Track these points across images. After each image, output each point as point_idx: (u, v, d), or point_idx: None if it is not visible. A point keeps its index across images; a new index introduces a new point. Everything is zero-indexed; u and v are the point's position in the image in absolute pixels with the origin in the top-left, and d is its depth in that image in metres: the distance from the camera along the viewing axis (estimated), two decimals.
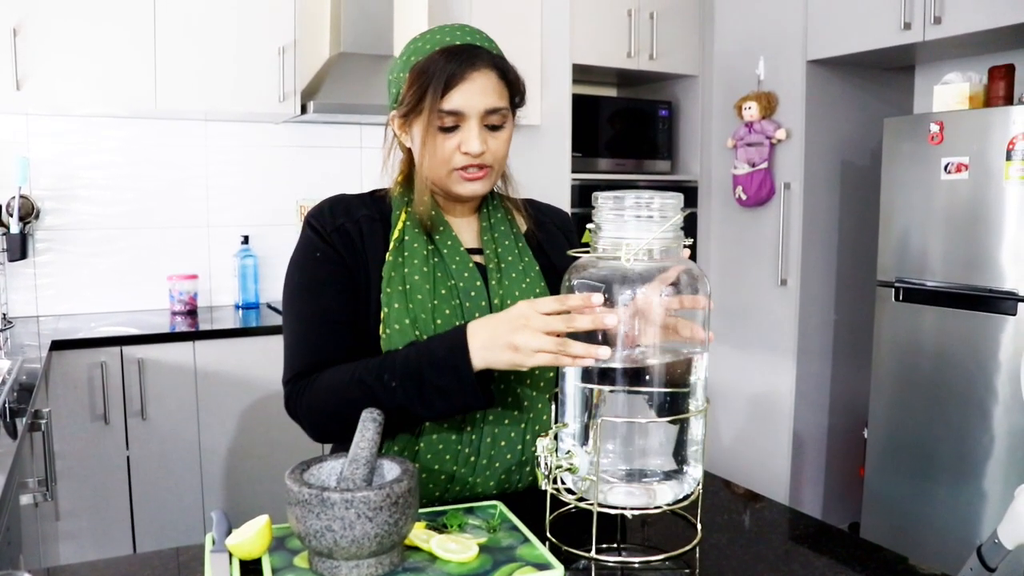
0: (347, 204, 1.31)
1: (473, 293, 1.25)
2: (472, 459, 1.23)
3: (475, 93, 1.20)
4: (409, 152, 1.32)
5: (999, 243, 2.53)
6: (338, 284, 1.25)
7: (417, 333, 1.21)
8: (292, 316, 1.27)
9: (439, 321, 1.22)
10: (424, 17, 3.42)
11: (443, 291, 1.24)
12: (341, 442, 1.26)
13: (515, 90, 1.28)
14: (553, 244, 1.39)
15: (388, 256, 1.25)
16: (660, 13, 3.53)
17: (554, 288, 1.30)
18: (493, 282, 1.27)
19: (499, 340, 1.07)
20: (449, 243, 1.28)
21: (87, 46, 2.74)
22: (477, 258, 1.31)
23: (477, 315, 1.24)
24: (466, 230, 1.34)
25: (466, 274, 1.27)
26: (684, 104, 3.77)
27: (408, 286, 1.23)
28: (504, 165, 1.31)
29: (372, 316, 1.23)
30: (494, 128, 1.24)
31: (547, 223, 1.42)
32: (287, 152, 3.42)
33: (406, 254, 1.25)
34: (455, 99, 1.20)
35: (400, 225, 1.28)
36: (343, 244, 1.26)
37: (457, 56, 1.21)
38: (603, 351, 1.01)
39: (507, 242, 1.32)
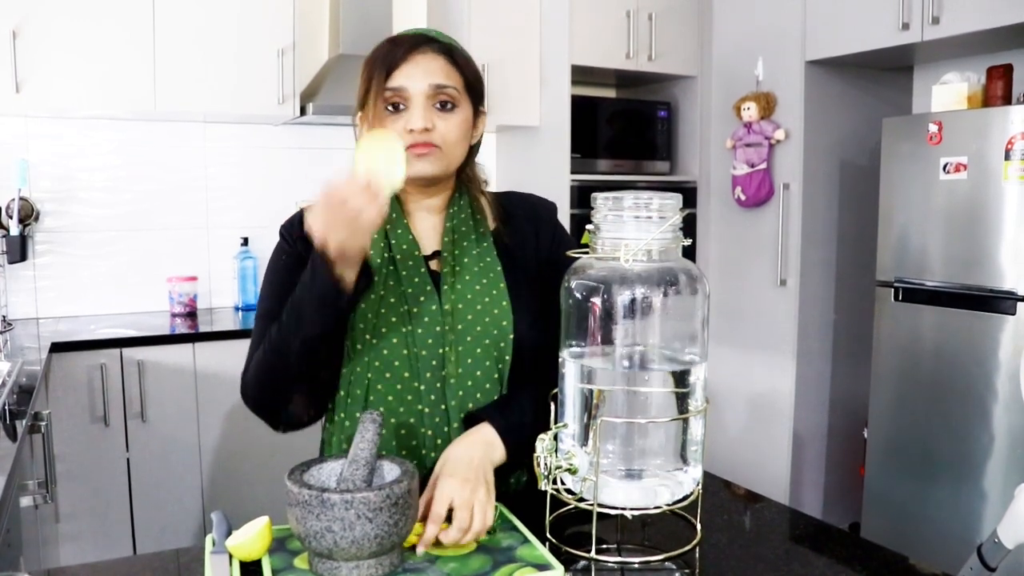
0: None
1: (422, 299, 1.24)
2: None
3: (418, 71, 1.21)
4: None
5: (998, 243, 2.54)
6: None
7: (359, 338, 1.21)
8: (258, 315, 1.29)
9: (384, 329, 1.22)
10: (423, 18, 3.42)
11: (392, 299, 1.23)
12: (291, 418, 1.24)
13: (468, 77, 1.26)
14: (520, 240, 1.34)
15: None
16: (659, 14, 3.53)
17: (518, 289, 1.28)
18: (446, 287, 1.25)
19: (324, 245, 1.06)
20: (404, 247, 1.27)
21: (86, 48, 2.74)
22: (436, 263, 1.29)
23: (426, 319, 1.23)
24: (432, 233, 1.31)
25: (416, 279, 1.25)
26: (683, 105, 3.77)
27: None
28: (456, 151, 1.26)
29: None
30: (444, 109, 1.23)
31: (517, 217, 1.37)
32: (286, 154, 3.42)
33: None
34: (398, 78, 1.21)
35: None
36: (308, 251, 1.25)
37: (401, 42, 1.24)
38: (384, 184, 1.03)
39: (466, 243, 1.29)
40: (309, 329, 1.13)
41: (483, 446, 1.16)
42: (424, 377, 1.22)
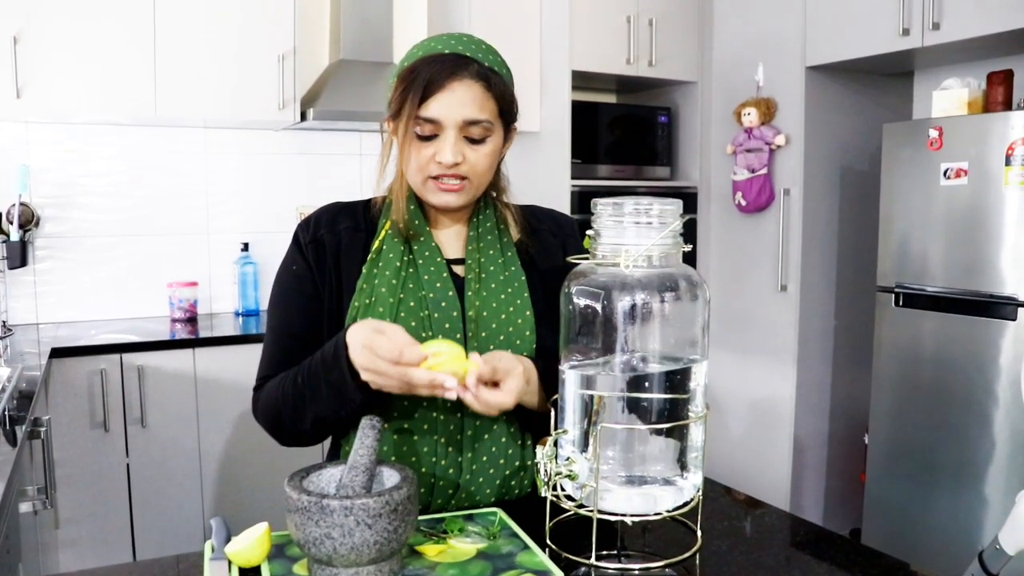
0: (335, 214, 1.32)
1: (444, 304, 1.23)
2: (466, 464, 1.23)
3: (453, 103, 1.18)
4: None
5: (999, 248, 2.53)
6: (303, 300, 1.27)
7: None
8: (267, 326, 1.31)
9: None
10: (424, 24, 3.42)
11: (411, 303, 1.23)
12: (300, 445, 1.28)
13: (503, 103, 1.24)
14: (545, 253, 1.35)
15: (363, 268, 1.25)
16: (659, 19, 3.54)
17: (539, 299, 1.28)
18: (470, 293, 1.25)
19: (357, 364, 1.10)
20: (427, 253, 1.26)
21: (87, 54, 2.75)
22: (461, 268, 1.29)
23: (447, 326, 1.22)
24: (454, 239, 1.32)
25: (439, 284, 1.24)
26: (683, 110, 3.77)
27: (374, 298, 1.22)
28: (484, 179, 1.26)
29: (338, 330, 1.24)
30: (474, 141, 1.21)
31: (542, 231, 1.38)
32: (287, 159, 3.43)
33: (380, 264, 1.25)
34: (432, 107, 1.18)
35: (382, 235, 1.27)
36: (316, 258, 1.27)
37: (439, 64, 1.19)
38: (449, 382, 1.07)
39: (492, 252, 1.29)
40: (320, 410, 1.17)
41: (531, 368, 1.19)
42: None
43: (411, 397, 1.21)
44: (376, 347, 1.07)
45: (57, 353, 2.54)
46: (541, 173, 3.33)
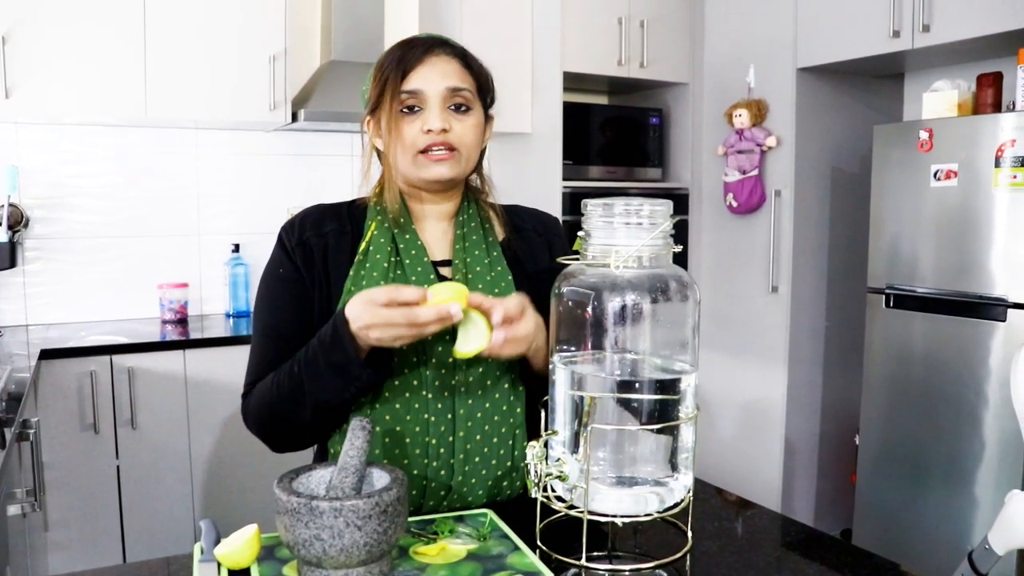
0: (319, 217, 1.31)
1: None
2: (458, 466, 1.23)
3: (434, 74, 1.22)
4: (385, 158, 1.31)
5: (988, 249, 2.55)
6: (294, 301, 1.26)
7: None
8: (253, 329, 1.30)
9: None
10: (415, 25, 3.42)
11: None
12: (294, 447, 1.27)
13: (480, 80, 1.27)
14: (530, 252, 1.36)
15: (351, 270, 1.25)
16: (650, 21, 3.55)
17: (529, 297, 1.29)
18: None
19: (362, 331, 1.09)
20: (413, 252, 1.26)
21: (77, 54, 2.74)
22: (447, 270, 1.29)
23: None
24: (440, 240, 1.32)
25: (426, 286, 1.25)
26: (675, 112, 3.78)
27: None
28: (472, 153, 1.28)
29: None
30: (459, 111, 1.24)
31: (527, 230, 1.38)
32: (278, 160, 3.42)
33: (368, 266, 1.24)
34: (413, 80, 1.22)
35: (368, 236, 1.27)
36: (304, 260, 1.27)
37: (415, 44, 1.24)
38: (454, 307, 1.06)
39: (478, 252, 1.29)
40: (323, 394, 1.14)
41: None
42: (433, 386, 1.22)
43: (420, 403, 1.21)
44: (375, 297, 1.06)
45: (46, 355, 2.53)
46: (533, 174, 3.33)
